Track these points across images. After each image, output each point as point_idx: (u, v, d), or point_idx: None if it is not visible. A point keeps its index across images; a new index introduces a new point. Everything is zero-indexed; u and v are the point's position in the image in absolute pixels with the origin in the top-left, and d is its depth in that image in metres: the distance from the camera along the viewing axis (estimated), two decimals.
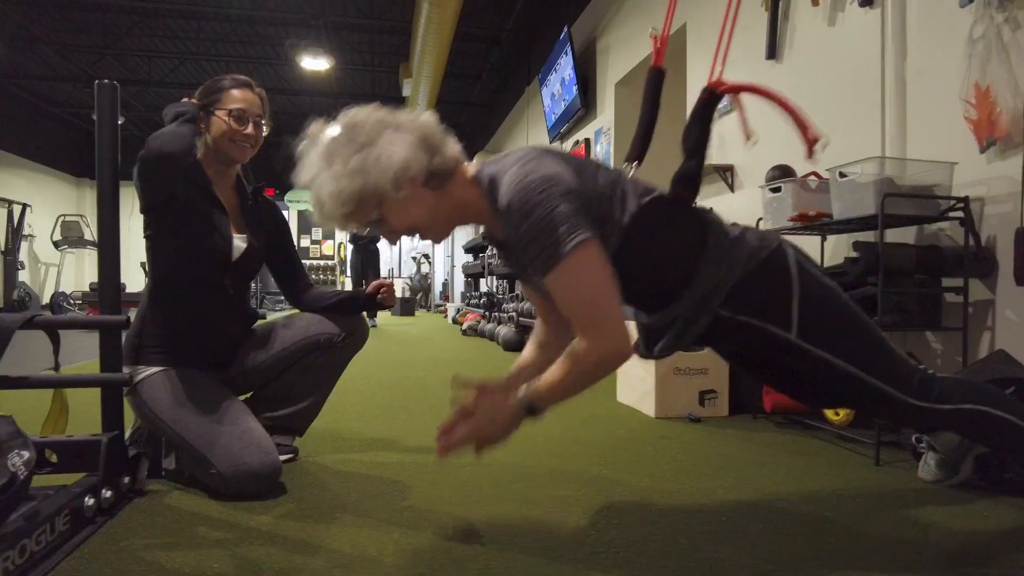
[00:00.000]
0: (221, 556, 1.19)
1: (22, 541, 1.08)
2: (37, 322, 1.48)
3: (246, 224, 1.76)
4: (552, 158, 1.08)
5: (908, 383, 1.15)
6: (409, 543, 1.25)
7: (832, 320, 1.14)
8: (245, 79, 1.74)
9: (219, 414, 1.52)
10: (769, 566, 1.15)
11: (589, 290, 1.01)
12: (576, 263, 0.99)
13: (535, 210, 1.00)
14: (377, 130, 1.06)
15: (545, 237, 1.00)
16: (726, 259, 1.10)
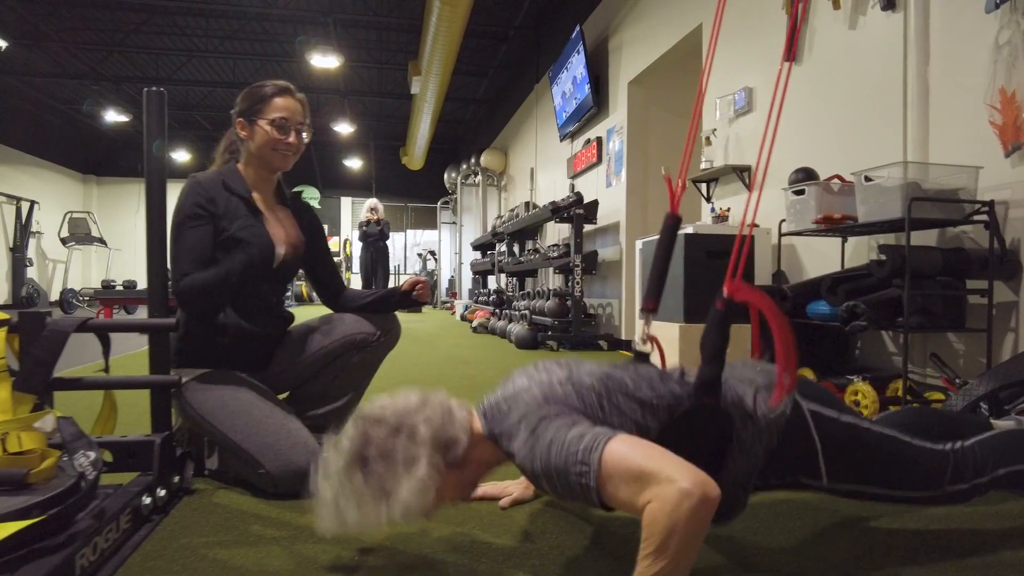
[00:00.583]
0: (279, 553, 1.23)
1: (94, 539, 1.12)
2: (90, 325, 1.52)
3: (287, 231, 1.78)
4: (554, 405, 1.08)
5: (941, 479, 1.21)
6: (461, 537, 1.29)
7: (858, 456, 1.19)
8: (286, 85, 1.77)
9: (264, 415, 1.56)
10: (812, 562, 1.19)
11: (635, 462, 0.93)
12: (611, 455, 0.95)
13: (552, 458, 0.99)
14: (390, 457, 1.06)
15: (574, 468, 0.96)
16: (750, 451, 1.14)
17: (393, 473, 1.05)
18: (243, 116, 1.73)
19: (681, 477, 0.89)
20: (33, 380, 1.39)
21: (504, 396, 1.15)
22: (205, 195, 1.65)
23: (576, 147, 6.68)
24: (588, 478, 0.94)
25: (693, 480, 0.88)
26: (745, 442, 1.13)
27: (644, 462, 0.92)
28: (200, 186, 1.66)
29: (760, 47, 3.40)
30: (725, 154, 3.72)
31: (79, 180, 14.37)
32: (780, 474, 1.18)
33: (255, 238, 1.68)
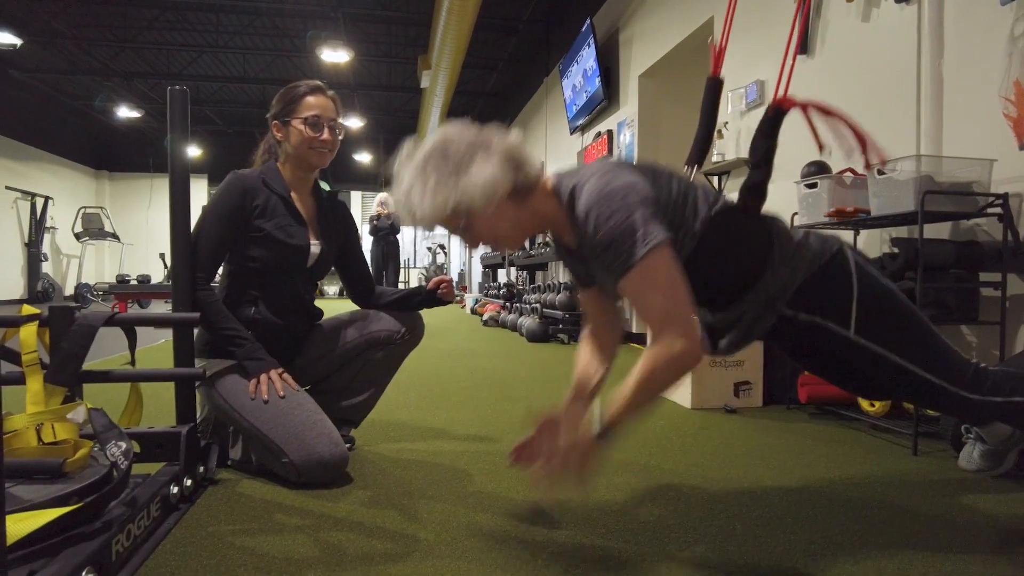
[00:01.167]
0: (305, 541, 1.26)
1: (127, 526, 1.15)
2: (117, 319, 1.56)
3: (321, 230, 1.84)
4: (628, 169, 1.14)
5: (960, 377, 1.21)
6: (480, 526, 1.32)
7: (889, 318, 1.20)
8: (317, 83, 1.80)
9: (291, 406, 1.60)
10: (825, 550, 1.21)
11: (663, 292, 1.05)
12: (651, 266, 1.04)
13: (613, 217, 1.06)
14: (469, 150, 1.12)
15: (622, 242, 1.05)
16: (790, 263, 1.17)
17: (468, 161, 1.12)
18: (277, 118, 1.77)
19: (689, 339, 1.05)
20: (64, 373, 1.43)
21: (577, 165, 1.24)
22: (245, 188, 1.70)
23: (587, 140, 6.67)
24: (626, 259, 1.05)
25: (694, 347, 1.06)
26: (784, 256, 1.18)
27: (670, 300, 1.06)
28: (241, 180, 1.72)
29: (772, 40, 3.39)
30: (737, 147, 3.72)
31: (92, 176, 14.48)
32: (811, 309, 1.19)
33: (291, 238, 1.71)
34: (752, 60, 3.55)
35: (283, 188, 1.76)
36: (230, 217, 1.68)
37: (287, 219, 1.73)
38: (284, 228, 1.72)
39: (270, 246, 1.69)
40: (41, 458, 1.19)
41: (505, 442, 2.01)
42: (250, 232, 1.69)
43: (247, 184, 1.72)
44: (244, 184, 1.72)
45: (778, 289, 1.17)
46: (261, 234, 1.69)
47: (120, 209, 14.45)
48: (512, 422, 2.30)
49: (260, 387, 1.60)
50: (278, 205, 1.73)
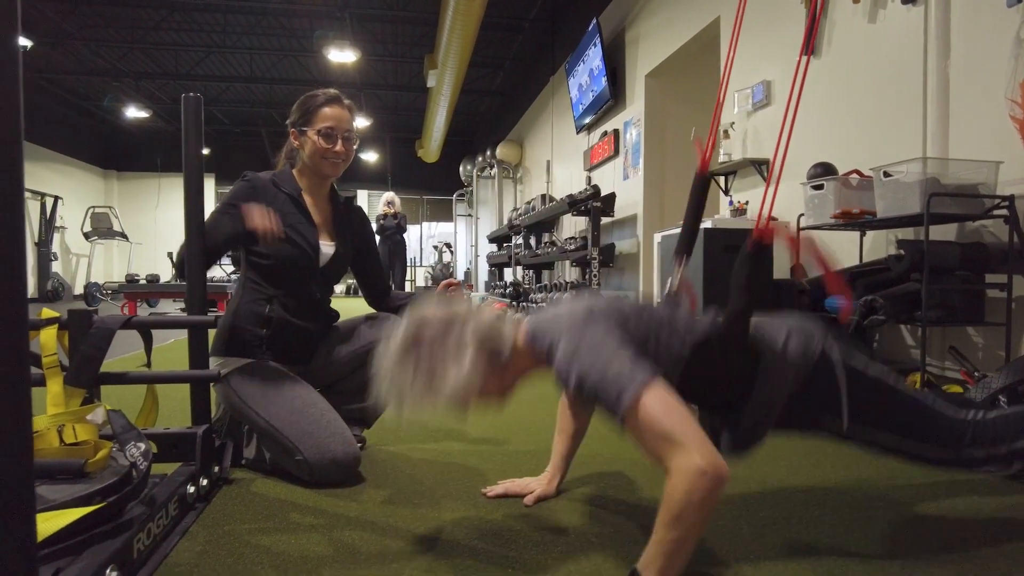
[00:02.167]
0: (319, 540, 1.29)
1: (147, 525, 1.18)
2: (134, 323, 1.59)
3: (336, 232, 1.87)
4: (600, 318, 1.14)
5: (959, 441, 1.24)
6: (492, 525, 1.34)
7: (881, 406, 1.23)
8: (335, 93, 1.83)
9: (304, 405, 1.62)
10: (832, 551, 1.23)
11: (662, 425, 1.00)
12: (642, 406, 1.00)
13: (591, 373, 1.05)
14: (443, 350, 1.13)
15: (607, 395, 1.03)
16: (777, 382, 1.19)
17: (442, 359, 1.13)
18: (295, 126, 1.82)
19: (700, 455, 0.95)
20: (83, 375, 1.46)
21: (548, 313, 1.22)
22: (254, 186, 1.77)
23: (593, 139, 6.69)
24: (618, 413, 1.02)
25: (709, 458, 0.95)
26: (771, 376, 1.19)
27: (671, 427, 0.99)
28: (252, 180, 1.79)
29: (779, 41, 3.40)
30: (743, 147, 3.73)
31: (100, 175, 14.58)
32: (803, 413, 1.22)
33: (299, 236, 1.75)
34: (758, 60, 3.56)
35: (294, 189, 1.80)
36: (231, 207, 1.72)
37: (296, 217, 1.77)
38: (292, 226, 1.75)
39: (277, 242, 1.73)
40: (63, 459, 1.22)
41: (514, 442, 2.03)
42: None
43: (257, 183, 1.79)
44: (254, 183, 1.79)
45: (768, 405, 1.19)
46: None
47: (128, 209, 14.55)
48: (519, 422, 2.32)
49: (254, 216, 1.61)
50: (287, 204, 1.78)
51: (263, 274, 1.76)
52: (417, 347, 1.14)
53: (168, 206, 14.46)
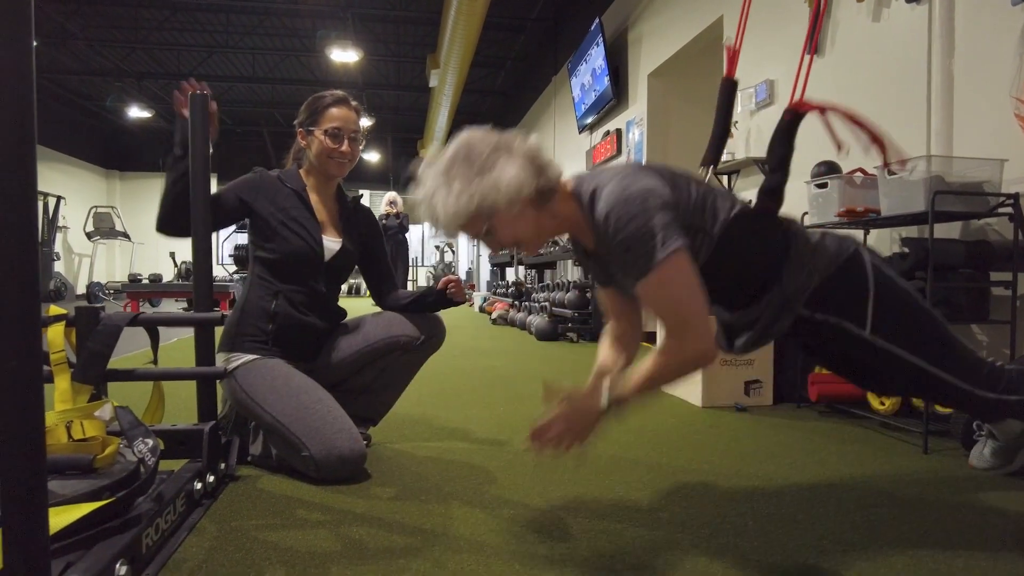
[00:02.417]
0: (326, 536, 1.29)
1: (156, 520, 1.19)
2: (141, 320, 1.60)
3: (343, 230, 1.89)
4: (648, 173, 1.16)
5: (976, 375, 1.23)
6: (498, 522, 1.35)
7: (904, 319, 1.22)
8: (342, 95, 1.85)
9: (311, 402, 1.63)
10: (836, 547, 1.23)
11: (679, 296, 1.08)
12: (669, 270, 1.07)
13: (632, 221, 1.08)
14: (492, 153, 1.14)
15: (641, 246, 1.07)
16: (807, 266, 1.19)
17: (492, 164, 1.13)
18: (302, 127, 1.84)
19: (703, 340, 1.10)
20: (90, 371, 1.47)
21: (595, 168, 1.23)
22: (262, 178, 1.81)
23: (595, 139, 6.69)
24: (644, 262, 1.08)
25: (708, 347, 1.11)
26: (801, 260, 1.20)
27: (687, 303, 1.10)
28: (260, 173, 1.84)
29: (782, 40, 3.40)
30: (747, 146, 3.73)
31: (103, 175, 14.61)
32: (827, 309, 1.22)
33: (302, 230, 1.76)
34: (762, 59, 3.56)
35: (298, 185, 1.83)
36: (236, 187, 1.78)
37: (299, 212, 1.79)
38: (296, 219, 1.77)
39: (280, 233, 1.75)
40: (72, 454, 1.23)
41: (518, 441, 2.03)
42: (261, 214, 1.76)
43: (264, 176, 1.83)
44: (261, 176, 1.83)
45: (795, 291, 1.19)
46: (273, 224, 1.75)
47: (130, 208, 14.56)
48: (524, 421, 2.33)
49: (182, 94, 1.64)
50: (291, 199, 1.80)
51: (270, 269, 1.78)
52: (466, 153, 1.14)
53: None
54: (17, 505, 0.77)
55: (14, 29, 0.73)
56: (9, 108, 0.73)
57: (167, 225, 1.70)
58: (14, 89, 0.73)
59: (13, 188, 0.75)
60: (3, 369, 0.75)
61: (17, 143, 0.75)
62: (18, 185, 0.75)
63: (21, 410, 0.76)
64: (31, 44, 0.76)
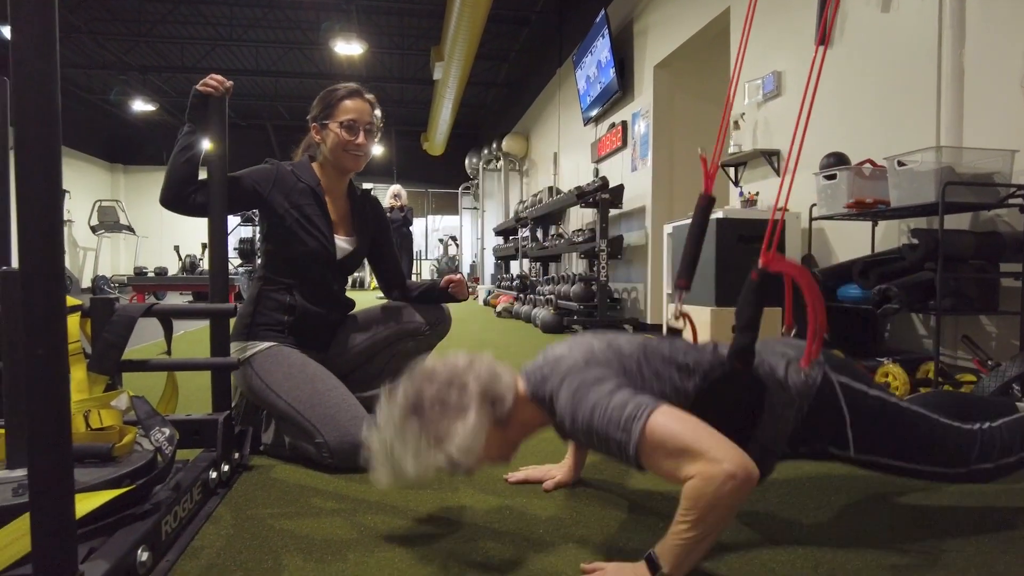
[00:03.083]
0: (342, 524, 1.30)
1: (174, 508, 1.20)
2: (155, 311, 1.61)
3: (355, 228, 1.90)
4: (596, 364, 1.14)
5: (967, 457, 1.23)
6: (511, 510, 1.36)
7: (886, 429, 1.22)
8: (355, 87, 1.84)
9: (327, 388, 1.65)
10: (850, 532, 1.24)
11: (680, 438, 0.98)
12: (656, 428, 1.00)
13: (597, 418, 1.04)
14: (443, 407, 1.13)
15: (616, 430, 1.02)
16: (781, 417, 1.19)
17: (446, 420, 1.11)
18: (316, 121, 1.83)
19: (726, 458, 0.94)
20: (106, 362, 1.47)
21: (545, 361, 1.22)
22: (279, 169, 1.79)
23: (600, 131, 6.68)
24: (629, 447, 1.00)
25: (738, 462, 0.94)
26: (776, 409, 1.19)
27: (688, 439, 0.97)
28: (272, 166, 1.81)
29: (789, 31, 3.39)
30: (753, 138, 3.73)
31: (107, 169, 14.63)
32: (809, 442, 1.22)
33: (316, 230, 1.76)
34: (769, 50, 3.55)
35: (313, 181, 1.82)
36: (252, 175, 1.77)
37: (313, 210, 1.78)
38: (309, 218, 1.77)
39: (295, 232, 1.75)
40: (91, 443, 1.24)
41: None
42: (275, 210, 1.75)
43: (279, 169, 1.82)
44: (277, 168, 1.82)
45: (772, 439, 1.19)
46: (287, 221, 1.74)
47: (135, 202, 14.59)
48: None
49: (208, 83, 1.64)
50: (305, 195, 1.79)
51: (282, 264, 1.78)
52: (418, 411, 1.13)
53: None
54: (44, 490, 0.78)
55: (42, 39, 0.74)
56: (36, 110, 0.75)
57: (171, 201, 1.69)
58: (42, 93, 0.75)
59: (40, 187, 0.76)
60: (31, 357, 0.76)
61: (43, 145, 0.76)
62: (44, 184, 0.77)
63: (49, 398, 0.77)
64: (56, 53, 0.76)
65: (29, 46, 0.73)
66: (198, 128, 1.66)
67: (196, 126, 1.66)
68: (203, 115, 1.66)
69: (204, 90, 1.64)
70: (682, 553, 0.97)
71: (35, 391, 0.76)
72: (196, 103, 1.65)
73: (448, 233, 14.94)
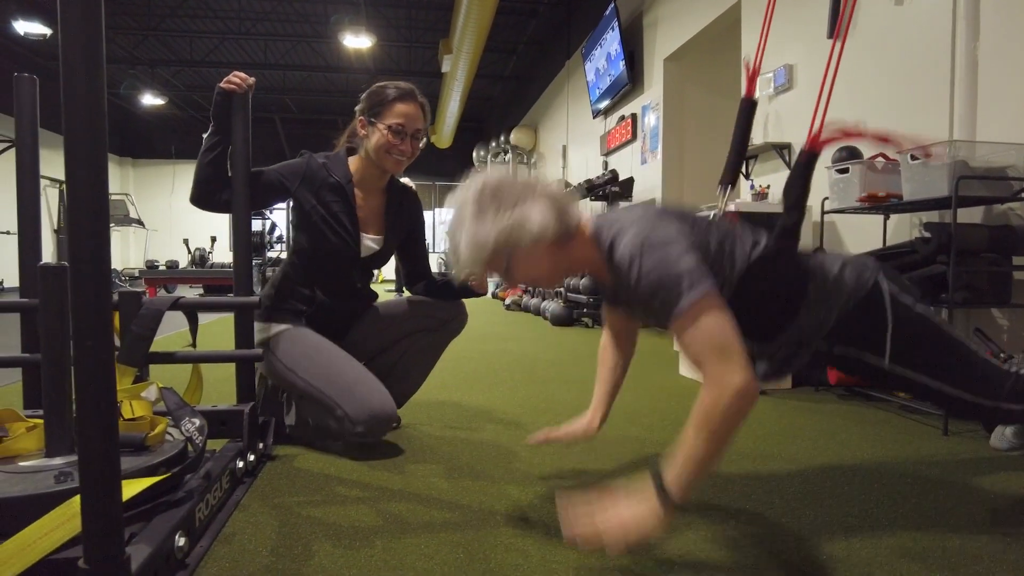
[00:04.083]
0: (367, 512, 1.34)
1: (206, 496, 1.24)
2: (181, 304, 1.65)
3: (386, 225, 1.88)
4: (668, 218, 1.16)
5: (999, 391, 1.24)
6: (531, 500, 1.39)
7: (923, 347, 1.24)
8: (409, 89, 1.80)
9: (346, 366, 1.71)
10: (862, 524, 1.27)
11: (713, 336, 1.03)
12: (699, 312, 1.03)
13: (656, 268, 1.07)
14: (519, 194, 1.15)
15: (667, 292, 1.05)
16: (825, 303, 1.21)
17: (518, 202, 1.14)
18: (364, 115, 1.79)
19: (742, 375, 0.99)
20: (134, 354, 1.52)
21: (614, 214, 1.24)
22: (310, 166, 1.78)
23: (610, 124, 6.68)
24: (677, 304, 1.04)
25: (749, 381, 0.99)
26: (819, 300, 1.21)
27: (722, 341, 1.02)
28: (304, 160, 1.80)
29: (800, 24, 3.39)
30: (764, 131, 3.73)
31: (116, 162, 14.70)
32: (846, 342, 1.23)
33: (342, 228, 1.78)
34: (781, 43, 3.55)
35: (344, 177, 1.79)
36: (280, 169, 1.77)
37: (340, 207, 1.78)
38: (335, 216, 1.77)
39: (320, 229, 1.76)
40: (124, 432, 1.28)
41: (542, 423, 2.08)
42: (302, 205, 1.77)
43: (311, 164, 1.79)
44: (309, 163, 1.79)
45: (812, 329, 1.21)
46: (312, 218, 1.76)
47: (144, 196, 14.67)
48: (546, 403, 2.37)
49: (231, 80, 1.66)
50: (333, 192, 1.78)
51: (307, 258, 1.81)
52: (494, 190, 1.16)
53: (183, 193, 14.45)
54: (94, 475, 0.82)
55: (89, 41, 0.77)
56: (85, 113, 0.78)
57: (199, 199, 1.73)
58: (90, 97, 0.78)
59: (89, 187, 0.79)
60: (81, 349, 0.79)
61: (91, 149, 0.79)
62: (93, 185, 0.80)
63: (98, 387, 0.80)
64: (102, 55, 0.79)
65: (77, 49, 0.76)
66: (222, 126, 1.69)
67: (220, 125, 1.69)
68: (227, 112, 1.68)
69: (227, 87, 1.66)
70: (685, 470, 0.99)
71: (85, 381, 0.80)
72: (220, 100, 1.68)
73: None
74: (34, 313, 1.61)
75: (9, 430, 1.26)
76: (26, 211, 1.63)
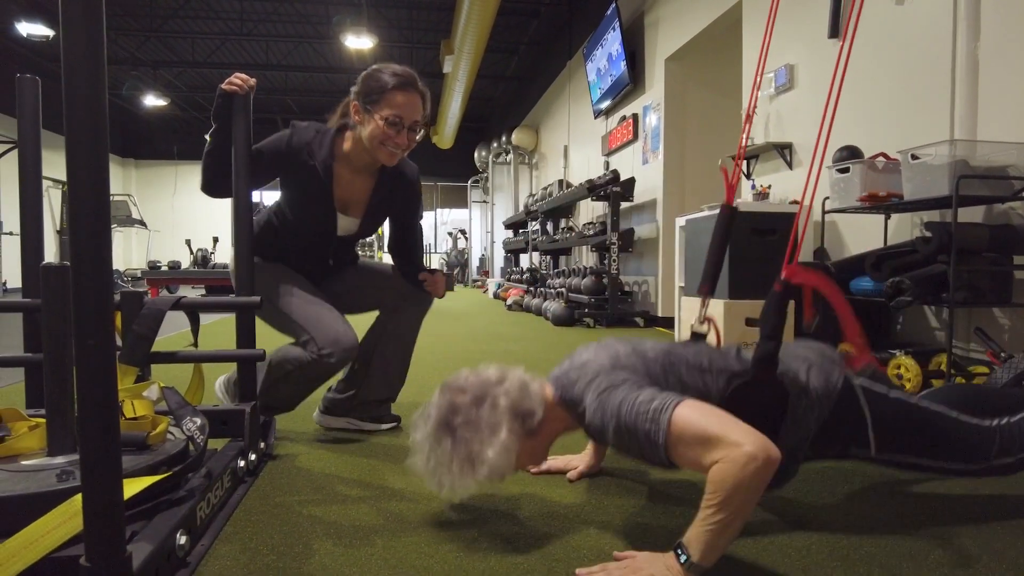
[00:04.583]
0: (368, 511, 1.34)
1: (207, 495, 1.24)
2: (183, 304, 1.65)
3: (371, 207, 1.87)
4: (622, 368, 1.17)
5: (988, 451, 1.25)
6: (534, 498, 1.39)
7: (907, 430, 1.25)
8: (409, 77, 1.72)
9: (314, 298, 1.79)
10: (863, 519, 1.27)
11: (704, 427, 1.00)
12: (680, 420, 1.02)
13: (620, 411, 1.08)
14: (474, 426, 1.19)
15: (643, 425, 1.04)
16: (804, 422, 1.22)
17: (478, 439, 1.18)
18: (359, 100, 1.71)
19: (747, 441, 0.97)
20: (137, 353, 1.52)
21: (572, 366, 1.26)
22: (281, 151, 1.77)
23: (611, 124, 6.68)
24: (657, 436, 1.03)
25: (758, 444, 0.97)
26: (798, 414, 1.22)
27: (712, 426, 1.01)
28: (282, 141, 1.78)
29: (801, 24, 3.39)
30: (766, 131, 3.73)
31: (118, 163, 14.73)
32: (831, 445, 1.26)
33: (318, 210, 1.82)
34: (781, 44, 3.55)
35: (325, 161, 1.76)
36: (267, 148, 1.77)
37: (318, 189, 1.78)
38: (313, 198, 1.80)
39: (296, 206, 1.82)
40: (126, 431, 1.28)
41: None
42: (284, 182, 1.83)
43: (293, 143, 1.76)
44: (291, 141, 1.76)
45: (795, 445, 1.22)
46: (290, 192, 1.82)
47: (146, 196, 14.70)
48: None
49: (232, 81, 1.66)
50: (311, 173, 1.76)
51: (285, 223, 1.86)
52: (450, 430, 1.20)
53: (185, 194, 14.60)
54: (95, 473, 0.82)
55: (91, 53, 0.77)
56: (87, 114, 0.78)
57: (206, 188, 1.80)
58: (91, 97, 0.78)
59: (89, 188, 0.80)
60: (82, 349, 0.80)
61: (92, 150, 0.79)
62: (94, 186, 0.80)
63: (100, 386, 0.81)
64: (103, 56, 0.80)
65: (79, 50, 0.76)
66: (222, 126, 1.70)
67: (221, 124, 1.70)
68: (228, 113, 1.69)
69: (229, 88, 1.67)
70: (709, 539, 0.98)
71: (87, 380, 0.80)
72: (221, 102, 1.68)
73: (457, 226, 14.97)
74: (36, 313, 1.62)
75: (11, 429, 1.27)
76: (28, 212, 1.64)
